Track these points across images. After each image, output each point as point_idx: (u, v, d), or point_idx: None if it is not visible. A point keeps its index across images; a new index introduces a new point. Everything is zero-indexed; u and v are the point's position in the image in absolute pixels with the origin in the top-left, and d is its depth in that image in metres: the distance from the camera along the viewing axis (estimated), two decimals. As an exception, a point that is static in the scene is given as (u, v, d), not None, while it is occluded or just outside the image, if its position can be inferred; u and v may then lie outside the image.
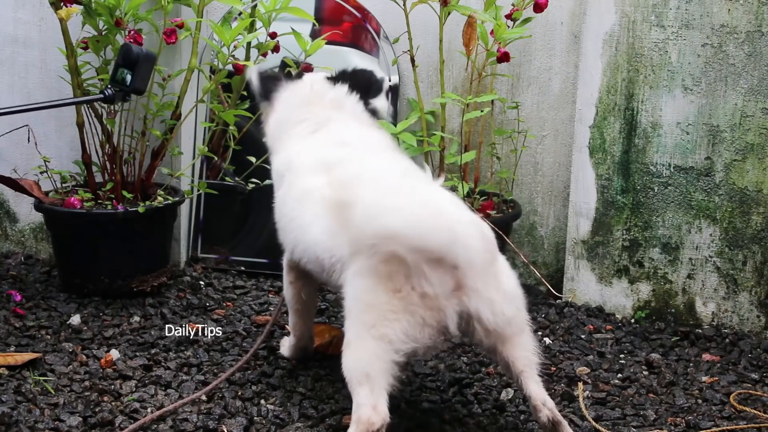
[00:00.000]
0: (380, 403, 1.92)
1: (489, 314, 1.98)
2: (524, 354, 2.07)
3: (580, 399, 2.37)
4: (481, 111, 2.96)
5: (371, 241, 1.93)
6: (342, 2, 3.31)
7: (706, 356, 2.71)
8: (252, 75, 2.57)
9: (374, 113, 2.52)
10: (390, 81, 3.23)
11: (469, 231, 1.94)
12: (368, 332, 1.94)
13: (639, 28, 2.84)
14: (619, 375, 2.57)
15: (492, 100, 3.08)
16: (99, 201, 2.98)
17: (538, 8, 2.94)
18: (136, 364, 2.50)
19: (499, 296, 1.99)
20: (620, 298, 2.99)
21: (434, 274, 1.91)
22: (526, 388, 2.06)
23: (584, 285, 3.04)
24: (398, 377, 1.96)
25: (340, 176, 2.14)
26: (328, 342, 2.58)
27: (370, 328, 1.94)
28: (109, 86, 2.57)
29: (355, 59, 3.30)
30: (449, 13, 2.89)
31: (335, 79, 2.50)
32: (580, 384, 2.46)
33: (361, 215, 1.95)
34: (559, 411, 2.26)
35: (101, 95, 2.57)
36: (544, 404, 2.06)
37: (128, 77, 2.51)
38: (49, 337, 2.68)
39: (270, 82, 2.53)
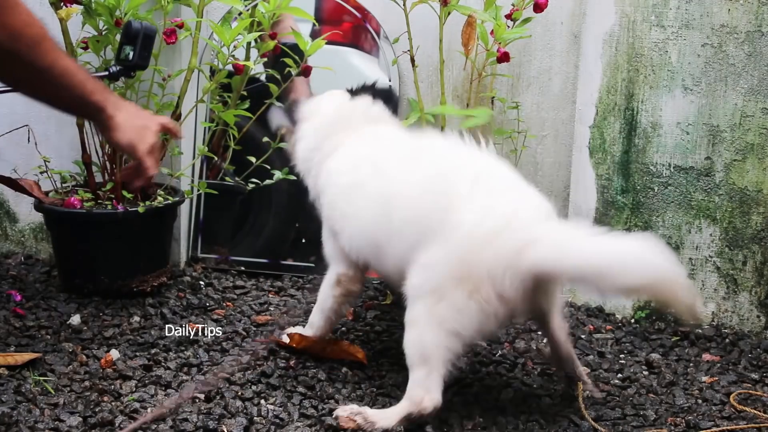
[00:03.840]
0: (434, 389, 2.03)
1: (557, 317, 2.25)
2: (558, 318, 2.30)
3: (580, 399, 2.37)
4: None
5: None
6: (342, 2, 3.31)
7: (706, 356, 2.71)
8: (276, 116, 2.66)
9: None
10: (389, 82, 3.24)
11: None
12: (440, 325, 2.00)
13: (639, 28, 2.84)
14: (619, 375, 2.57)
15: (492, 101, 3.08)
16: (99, 201, 2.98)
17: (538, 8, 2.94)
18: (136, 364, 2.50)
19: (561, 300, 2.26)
20: (620, 298, 2.99)
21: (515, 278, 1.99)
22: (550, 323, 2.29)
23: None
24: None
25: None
26: (322, 346, 2.57)
27: (443, 321, 2.00)
28: (113, 64, 2.57)
29: (355, 59, 3.30)
30: (449, 13, 2.89)
31: (355, 94, 2.55)
32: (580, 384, 2.46)
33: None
34: (559, 411, 2.27)
35: (105, 72, 2.58)
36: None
37: (131, 53, 2.52)
38: (49, 337, 2.68)
39: (294, 111, 2.58)
